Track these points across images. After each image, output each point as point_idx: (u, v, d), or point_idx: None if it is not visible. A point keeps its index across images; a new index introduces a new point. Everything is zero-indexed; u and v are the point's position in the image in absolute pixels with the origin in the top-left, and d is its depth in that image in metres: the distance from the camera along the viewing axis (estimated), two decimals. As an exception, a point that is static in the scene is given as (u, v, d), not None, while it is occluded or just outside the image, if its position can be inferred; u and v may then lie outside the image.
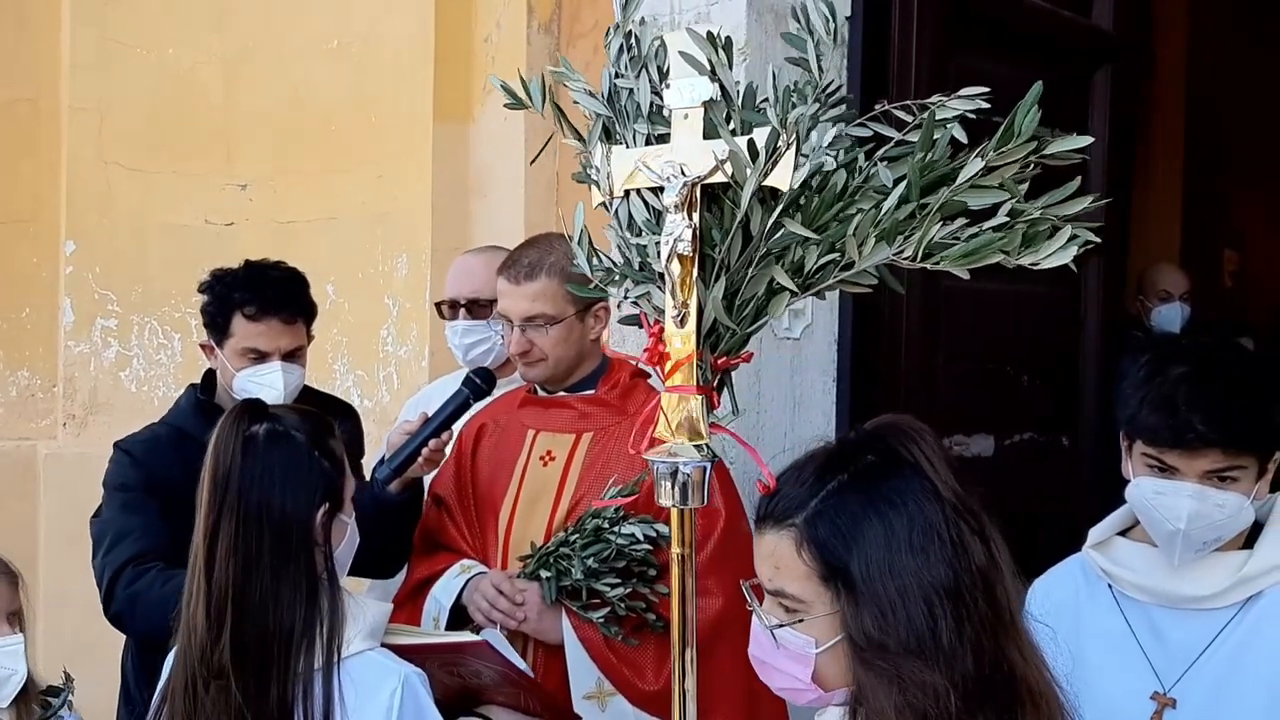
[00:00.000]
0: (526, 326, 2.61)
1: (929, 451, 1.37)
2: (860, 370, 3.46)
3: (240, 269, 2.88)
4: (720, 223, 1.59)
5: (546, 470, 2.65)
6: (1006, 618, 1.33)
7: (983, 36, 3.62)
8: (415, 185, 4.11)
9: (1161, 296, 5.10)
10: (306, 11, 4.34)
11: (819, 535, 1.36)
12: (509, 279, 2.63)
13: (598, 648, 2.50)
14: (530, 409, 2.75)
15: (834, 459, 1.41)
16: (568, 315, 2.59)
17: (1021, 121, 1.45)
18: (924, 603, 1.29)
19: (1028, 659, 1.33)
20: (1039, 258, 1.47)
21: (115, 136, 4.42)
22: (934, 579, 1.30)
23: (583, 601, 2.49)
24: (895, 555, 1.31)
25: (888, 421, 1.44)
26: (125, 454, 2.81)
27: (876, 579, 1.32)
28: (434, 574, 2.69)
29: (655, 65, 1.66)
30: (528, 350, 2.62)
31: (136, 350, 4.45)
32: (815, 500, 1.37)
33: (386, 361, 4.19)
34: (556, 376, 2.69)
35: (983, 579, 1.32)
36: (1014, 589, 1.35)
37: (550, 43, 3.97)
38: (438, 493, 2.79)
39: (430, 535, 2.78)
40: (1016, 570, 1.40)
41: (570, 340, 2.63)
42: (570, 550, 2.49)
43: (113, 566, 2.63)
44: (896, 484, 1.36)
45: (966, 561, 1.31)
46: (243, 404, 2.14)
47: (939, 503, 1.34)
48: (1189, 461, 1.88)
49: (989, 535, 1.35)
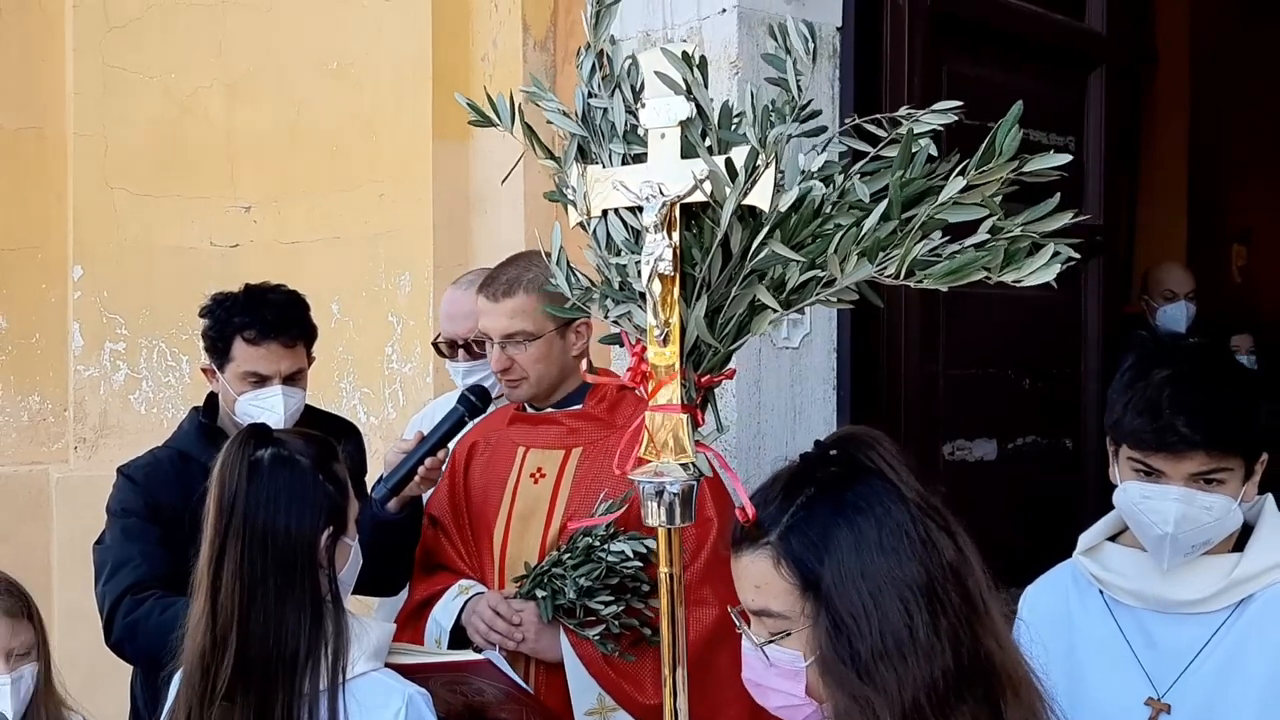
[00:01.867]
0: (506, 344, 2.63)
1: (888, 456, 1.40)
2: (860, 378, 3.47)
3: (240, 293, 2.90)
4: (700, 241, 1.59)
5: (537, 487, 2.66)
6: (981, 608, 1.35)
7: (974, 43, 3.63)
8: (416, 203, 4.14)
9: (1166, 296, 5.10)
10: (305, 34, 4.38)
11: (793, 549, 1.38)
12: (487, 296, 2.65)
13: (596, 664, 2.51)
14: (519, 426, 2.76)
15: (799, 475, 1.44)
16: (547, 331, 2.60)
17: (1003, 140, 1.45)
18: (899, 600, 1.32)
19: (1004, 647, 1.35)
20: (1020, 275, 1.47)
21: (120, 162, 4.47)
22: (906, 577, 1.33)
23: (579, 619, 2.49)
24: (867, 558, 1.34)
25: (845, 433, 1.47)
26: (127, 479, 2.83)
27: (850, 583, 1.34)
28: (433, 594, 2.70)
29: (629, 84, 1.66)
30: (509, 367, 2.64)
31: (145, 373, 4.49)
32: (786, 516, 1.40)
33: (391, 379, 4.22)
34: (540, 394, 2.70)
35: (954, 573, 1.34)
36: (984, 580, 1.37)
37: (546, 59, 4.00)
38: (433, 513, 2.80)
39: (429, 555, 2.79)
40: (985, 565, 1.42)
41: (551, 357, 2.64)
42: (563, 570, 2.49)
43: (112, 595, 2.65)
44: (861, 490, 1.38)
45: (937, 557, 1.34)
46: (248, 429, 2.16)
47: (904, 503, 1.36)
48: (1174, 465, 1.88)
49: (954, 530, 1.38)
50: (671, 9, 3.34)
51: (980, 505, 3.65)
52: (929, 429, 3.64)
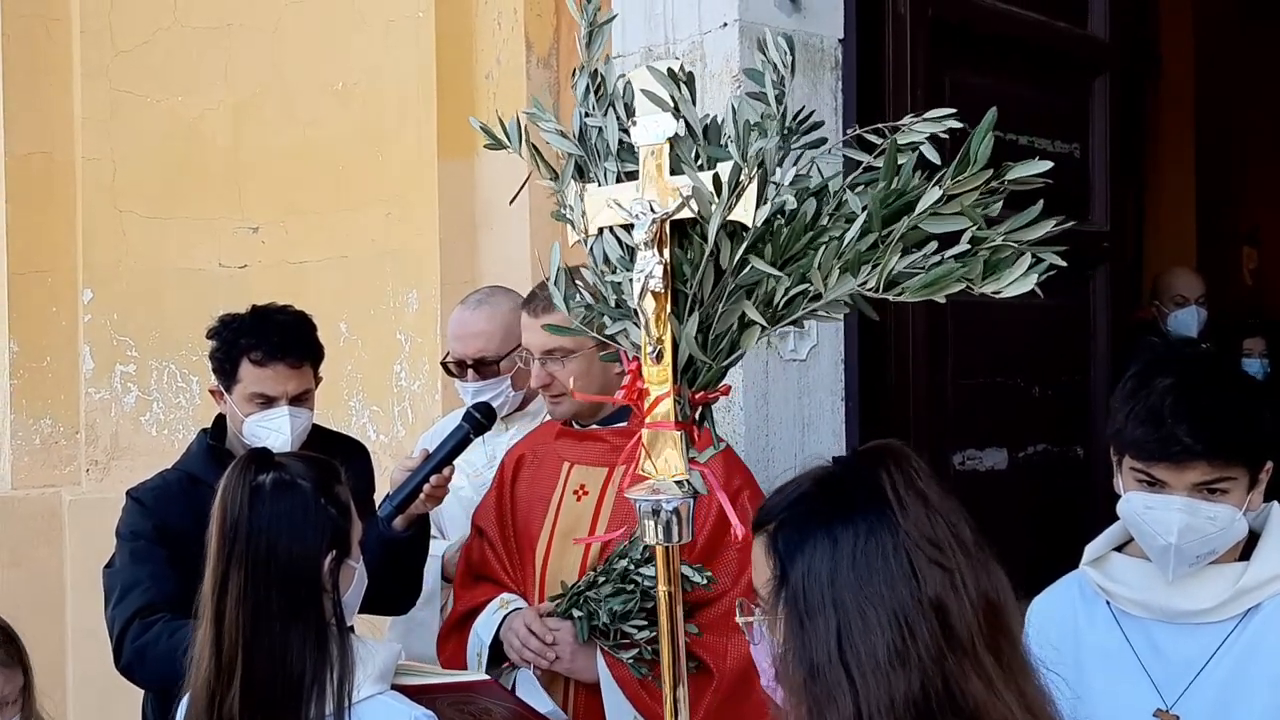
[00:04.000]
0: (546, 359, 2.64)
1: (900, 480, 1.38)
2: (869, 388, 3.46)
3: (247, 314, 2.91)
4: (691, 257, 1.60)
5: (580, 505, 2.65)
6: (968, 646, 1.32)
7: (977, 52, 3.63)
8: (423, 221, 4.15)
9: (1177, 301, 5.09)
10: (310, 55, 4.40)
11: (777, 542, 1.39)
12: (529, 313, 2.67)
13: (631, 686, 2.49)
14: (565, 440, 2.76)
15: (814, 477, 1.44)
16: (586, 348, 2.58)
17: (976, 149, 1.44)
18: (860, 616, 1.31)
19: (995, 692, 1.32)
20: (1000, 285, 1.46)
21: (128, 185, 4.50)
22: (874, 596, 1.32)
23: (613, 641, 2.47)
24: (836, 567, 1.34)
25: (874, 446, 1.46)
26: (136, 502, 2.83)
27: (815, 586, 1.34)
28: (476, 606, 2.69)
29: (623, 103, 1.67)
30: (549, 383, 2.65)
31: (156, 394, 4.51)
32: (783, 510, 1.41)
33: (400, 396, 4.23)
34: (582, 411, 2.68)
35: (936, 607, 1.32)
36: (981, 621, 1.34)
37: (550, 77, 4.01)
38: (479, 524, 2.81)
39: (474, 566, 2.79)
40: (1010, 599, 1.39)
41: (591, 373, 2.62)
42: (596, 593, 2.48)
43: (121, 619, 2.65)
44: (856, 504, 1.37)
45: (915, 589, 1.32)
46: (249, 453, 2.16)
47: (892, 530, 1.35)
48: (1177, 474, 1.86)
49: (952, 566, 1.35)
50: (673, 24, 3.34)
51: (992, 515, 3.65)
52: (939, 439, 3.62)
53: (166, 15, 4.50)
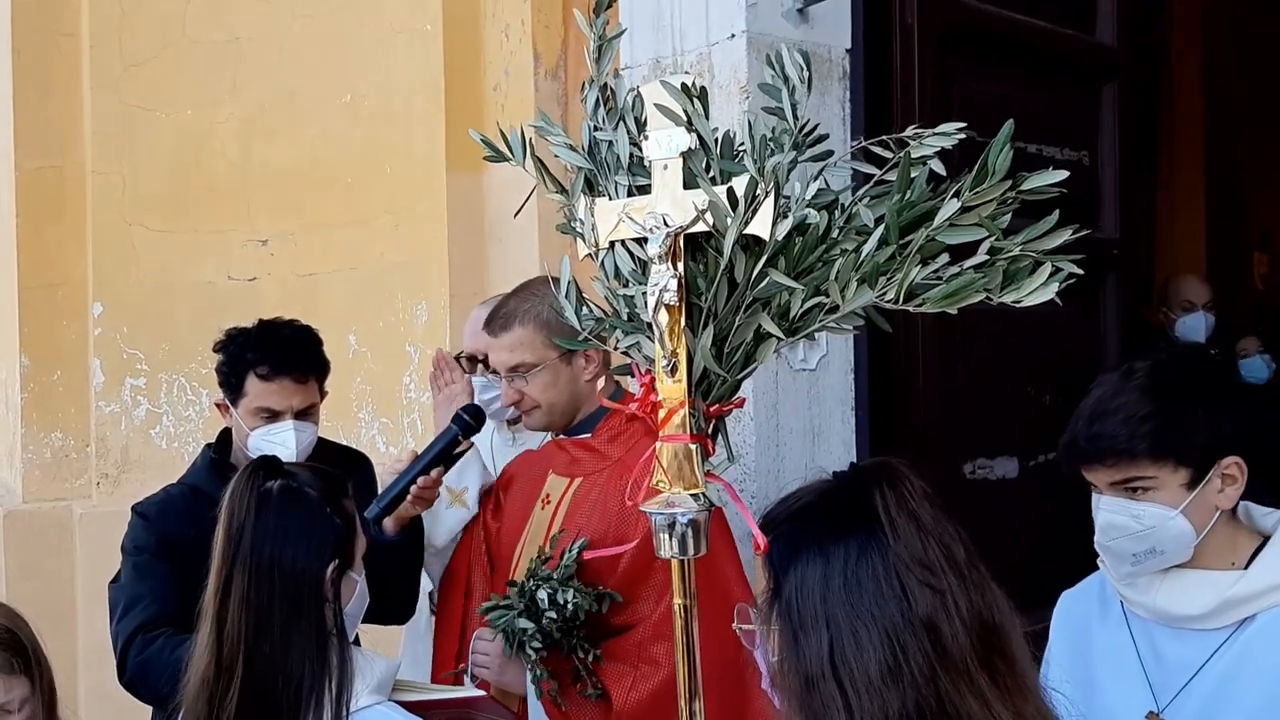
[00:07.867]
0: (512, 377, 2.65)
1: (892, 501, 1.38)
2: (879, 398, 3.45)
3: (253, 328, 2.91)
4: (705, 271, 1.60)
5: (543, 513, 2.69)
6: (961, 666, 1.32)
7: (984, 60, 3.62)
8: (431, 234, 4.16)
9: (1185, 307, 5.09)
10: (318, 68, 4.41)
11: (772, 553, 1.40)
12: (490, 333, 2.70)
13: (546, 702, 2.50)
14: (549, 448, 2.82)
15: (812, 491, 1.44)
16: (549, 359, 2.62)
17: (995, 161, 1.44)
18: (851, 632, 1.32)
19: (993, 711, 1.32)
20: (1021, 295, 1.46)
21: (138, 198, 4.51)
22: (863, 613, 1.32)
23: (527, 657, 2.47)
24: (826, 583, 1.34)
25: (872, 464, 1.46)
26: (140, 516, 2.84)
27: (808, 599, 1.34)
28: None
29: (633, 117, 1.67)
30: (519, 399, 2.67)
31: (166, 407, 4.52)
32: (780, 523, 1.42)
33: (410, 408, 4.23)
34: (555, 421, 2.71)
35: (927, 627, 1.32)
36: (975, 641, 1.34)
37: (558, 88, 4.01)
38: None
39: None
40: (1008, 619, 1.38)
41: (559, 384, 2.65)
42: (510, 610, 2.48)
43: (124, 634, 2.65)
44: (850, 520, 1.37)
45: (906, 609, 1.32)
46: (257, 460, 2.16)
47: (882, 550, 1.35)
48: (1093, 475, 1.91)
49: (943, 588, 1.34)
50: (681, 36, 3.34)
51: (1003, 524, 3.64)
52: (949, 448, 3.61)
53: (176, 30, 4.52)
